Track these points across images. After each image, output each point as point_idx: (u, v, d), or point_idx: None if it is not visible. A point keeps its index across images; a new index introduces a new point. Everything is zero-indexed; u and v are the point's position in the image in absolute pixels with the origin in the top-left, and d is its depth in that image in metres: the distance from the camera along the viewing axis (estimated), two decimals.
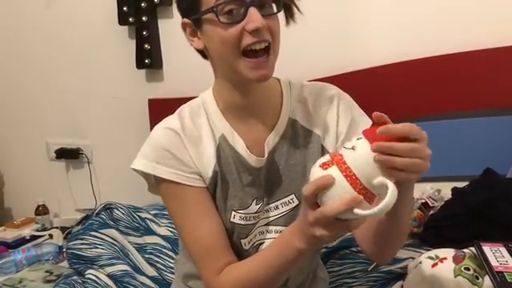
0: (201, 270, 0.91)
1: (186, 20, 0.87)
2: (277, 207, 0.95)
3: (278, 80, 0.98)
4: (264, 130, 0.93)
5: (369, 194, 0.64)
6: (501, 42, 1.40)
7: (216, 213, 0.91)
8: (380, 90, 1.56)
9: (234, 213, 0.91)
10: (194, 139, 0.90)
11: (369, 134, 0.65)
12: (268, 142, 0.93)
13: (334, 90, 0.98)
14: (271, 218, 0.95)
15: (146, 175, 0.92)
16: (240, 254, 0.93)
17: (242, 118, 0.93)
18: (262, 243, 0.95)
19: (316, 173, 0.67)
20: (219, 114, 0.92)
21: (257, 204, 0.93)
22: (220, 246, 0.90)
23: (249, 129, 0.93)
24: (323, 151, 0.94)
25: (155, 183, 0.92)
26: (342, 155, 0.66)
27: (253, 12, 0.80)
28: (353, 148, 0.65)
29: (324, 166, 0.67)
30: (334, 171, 0.65)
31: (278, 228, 0.95)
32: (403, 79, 1.53)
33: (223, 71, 0.89)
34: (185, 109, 0.94)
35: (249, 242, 0.94)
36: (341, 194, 0.64)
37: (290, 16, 0.88)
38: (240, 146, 0.92)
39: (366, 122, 0.92)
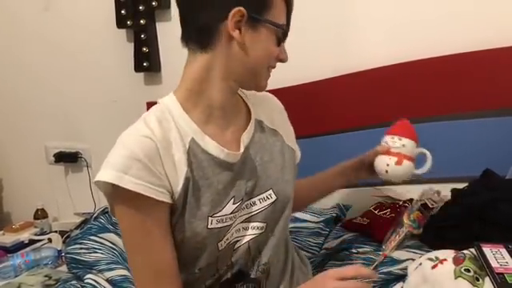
0: None
1: (242, 9, 0.84)
2: (254, 203, 0.96)
3: None
4: (235, 130, 0.96)
5: None
6: (500, 43, 1.40)
7: (171, 235, 0.88)
8: (378, 91, 1.56)
9: (210, 218, 0.88)
10: (166, 144, 0.86)
11: None
12: (243, 139, 0.96)
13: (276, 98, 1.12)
14: (247, 216, 0.95)
15: (109, 192, 0.84)
16: (213, 256, 0.92)
17: (212, 119, 0.92)
18: (237, 241, 0.95)
19: None
20: (186, 118, 0.90)
21: (234, 203, 0.91)
22: (176, 270, 0.88)
23: (219, 130, 0.93)
24: (290, 149, 1.05)
25: (114, 197, 0.85)
26: None
27: (283, 45, 0.93)
28: None
29: None
30: None
31: (256, 224, 0.96)
32: (401, 81, 1.53)
33: (234, 72, 0.89)
34: (149, 116, 0.90)
35: (225, 242, 0.93)
36: None
37: None
38: (212, 146, 0.90)
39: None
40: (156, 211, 0.84)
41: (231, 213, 0.91)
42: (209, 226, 0.88)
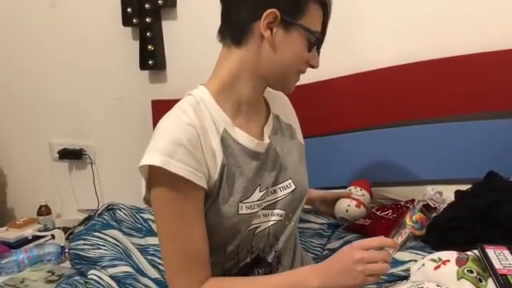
0: (181, 279, 0.89)
1: (276, 11, 0.88)
2: (275, 191, 1.00)
3: None
4: (258, 124, 1.01)
5: None
6: (503, 45, 1.40)
7: (204, 222, 0.91)
8: (382, 92, 1.56)
9: (240, 204, 0.93)
10: (203, 132, 0.91)
11: None
12: (266, 131, 1.01)
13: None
14: (269, 203, 0.99)
15: (151, 176, 0.88)
16: (238, 241, 0.96)
17: (239, 113, 0.97)
18: (258, 227, 0.98)
19: None
20: (218, 109, 0.94)
21: (260, 191, 0.96)
22: (207, 258, 0.91)
23: (246, 123, 0.98)
24: (299, 143, 1.10)
25: (156, 181, 0.88)
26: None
27: (316, 51, 0.96)
28: None
29: None
30: None
31: (276, 211, 1.00)
32: (404, 81, 1.53)
33: (263, 70, 0.93)
34: (185, 106, 0.93)
35: (249, 228, 0.97)
36: None
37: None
38: (242, 137, 0.95)
39: None
40: (194, 195, 0.89)
41: (258, 200, 0.96)
42: (239, 212, 0.93)
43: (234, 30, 0.93)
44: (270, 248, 1.02)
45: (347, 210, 1.40)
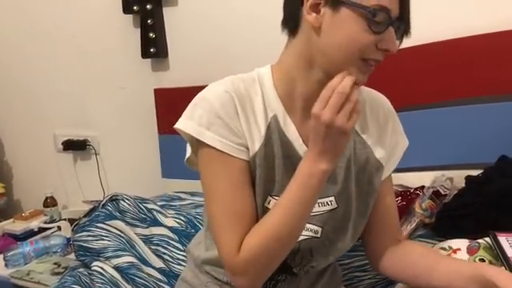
0: (225, 236, 0.85)
1: None
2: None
3: None
4: None
5: None
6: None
7: (252, 190, 0.87)
8: (393, 75, 1.51)
9: (269, 198, 0.87)
10: (247, 107, 0.86)
11: None
12: None
13: (389, 102, 1.00)
14: None
15: (191, 140, 0.88)
16: None
17: (295, 106, 0.89)
18: None
19: None
20: (275, 95, 0.88)
21: None
22: (252, 215, 0.86)
23: (301, 120, 0.90)
24: (377, 163, 0.94)
25: (196, 147, 0.88)
26: None
27: (392, 32, 0.79)
28: None
29: None
30: None
31: (310, 226, 0.91)
32: (414, 64, 1.48)
33: (315, 60, 0.84)
34: (237, 77, 0.89)
35: None
36: None
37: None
38: (292, 131, 0.89)
39: (403, 143, 1.01)
40: (237, 163, 0.85)
41: None
42: (265, 204, 0.87)
43: (287, 20, 0.86)
44: (300, 260, 0.93)
45: None
